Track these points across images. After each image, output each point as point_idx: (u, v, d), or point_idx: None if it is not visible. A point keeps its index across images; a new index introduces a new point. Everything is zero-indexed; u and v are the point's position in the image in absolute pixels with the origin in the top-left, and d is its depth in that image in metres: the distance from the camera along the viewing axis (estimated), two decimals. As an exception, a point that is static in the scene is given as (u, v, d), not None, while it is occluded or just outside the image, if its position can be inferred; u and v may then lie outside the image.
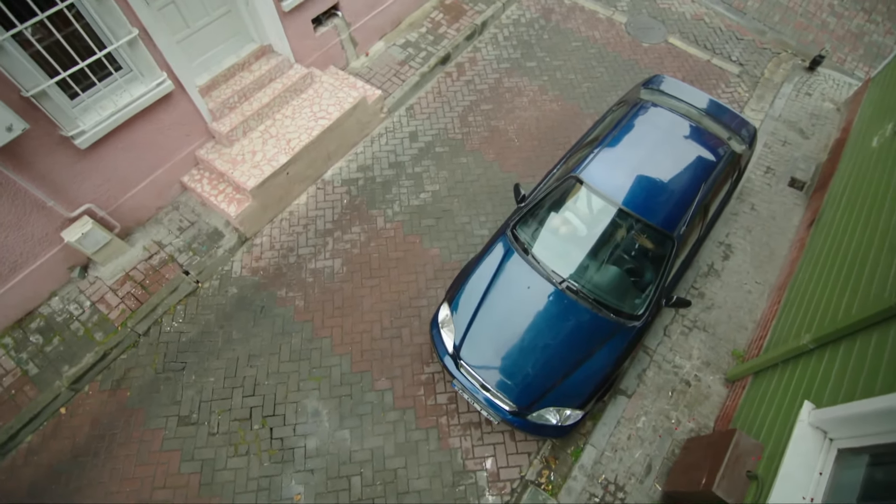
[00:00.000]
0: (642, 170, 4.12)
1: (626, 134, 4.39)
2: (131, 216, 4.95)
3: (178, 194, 5.27)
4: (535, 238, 4.21)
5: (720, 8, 7.69)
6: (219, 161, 5.06)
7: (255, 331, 4.69)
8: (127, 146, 4.50)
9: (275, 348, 4.60)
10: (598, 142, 4.37)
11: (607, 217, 4.03)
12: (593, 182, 4.09)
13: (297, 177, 5.33)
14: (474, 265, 4.21)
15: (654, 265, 3.96)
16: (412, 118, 6.21)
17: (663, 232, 3.88)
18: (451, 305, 4.08)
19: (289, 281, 4.98)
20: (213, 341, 4.63)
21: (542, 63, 6.79)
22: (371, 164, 5.79)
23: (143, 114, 4.44)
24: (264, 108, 5.25)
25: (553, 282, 3.95)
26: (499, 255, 4.17)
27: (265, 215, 5.25)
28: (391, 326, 4.73)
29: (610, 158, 4.24)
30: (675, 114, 4.55)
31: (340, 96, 5.55)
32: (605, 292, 3.92)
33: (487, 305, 3.97)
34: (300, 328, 4.71)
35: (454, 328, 3.98)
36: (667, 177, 4.10)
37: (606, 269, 4.02)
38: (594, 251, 4.04)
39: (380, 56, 6.56)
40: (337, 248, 5.19)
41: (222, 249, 5.01)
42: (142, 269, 4.84)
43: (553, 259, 4.06)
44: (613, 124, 4.52)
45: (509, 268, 4.09)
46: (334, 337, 4.66)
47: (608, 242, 4.07)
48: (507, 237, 4.23)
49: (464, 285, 4.11)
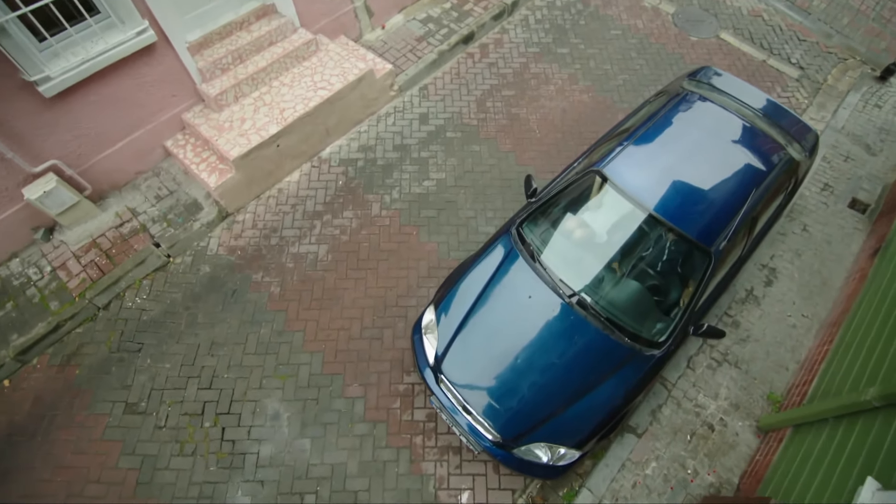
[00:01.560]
0: (680, 170, 3.46)
1: (663, 128, 3.72)
2: (106, 179, 4.54)
3: (161, 160, 4.84)
4: (544, 240, 3.60)
5: (781, 5, 6.86)
6: (205, 126, 4.60)
7: (223, 316, 4.22)
8: (101, 100, 4.08)
9: (241, 338, 4.11)
10: (629, 134, 3.72)
11: (633, 223, 3.37)
12: (620, 180, 3.44)
13: (289, 151, 4.84)
14: (470, 265, 3.62)
15: (684, 284, 3.29)
16: (425, 99, 5.65)
17: (700, 246, 3.21)
18: (437, 309, 3.51)
19: (267, 264, 4.49)
20: (175, 323, 4.18)
21: (575, 50, 6.13)
22: (374, 145, 5.26)
23: (120, 65, 4.01)
24: (260, 73, 4.78)
25: (560, 293, 3.33)
26: (499, 255, 3.57)
27: (250, 190, 4.77)
28: (372, 326, 4.18)
29: (642, 154, 3.58)
30: (725, 110, 3.85)
31: (346, 67, 5.03)
32: (622, 312, 3.28)
33: (479, 313, 3.38)
34: (272, 318, 4.21)
35: (437, 336, 3.41)
36: (709, 181, 3.42)
37: (626, 285, 3.37)
38: (613, 262, 3.40)
39: (397, 30, 6.02)
40: (324, 233, 4.68)
41: (199, 223, 4.56)
42: (110, 236, 4.43)
43: (563, 266, 3.44)
44: (649, 116, 3.85)
45: (510, 271, 3.49)
46: (308, 332, 4.14)
47: (631, 253, 3.43)
48: (510, 236, 3.63)
49: (455, 287, 3.53)
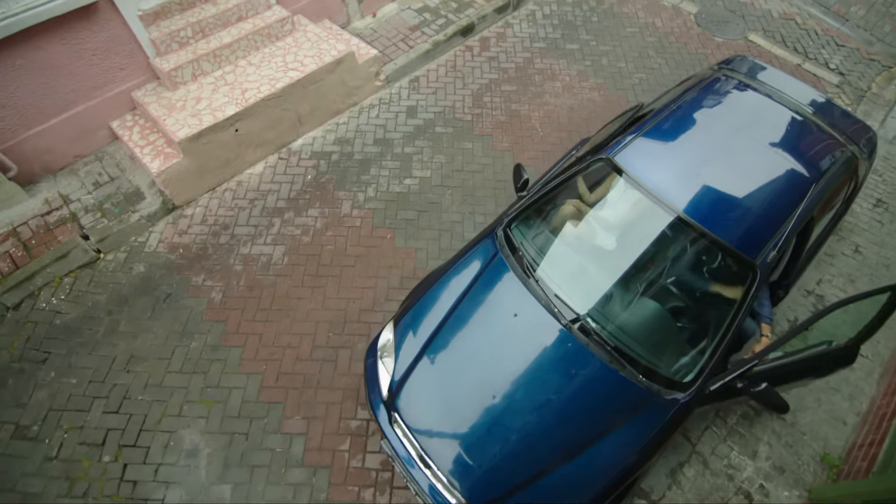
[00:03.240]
0: (714, 164, 2.73)
1: (692, 113, 3.02)
2: (37, 160, 3.94)
3: (106, 143, 4.25)
4: (538, 245, 2.86)
5: (815, 11, 6.21)
6: (154, 105, 4.01)
7: (150, 324, 3.51)
8: (29, 65, 3.51)
9: (166, 352, 3.39)
10: (650, 116, 3.01)
11: (654, 227, 2.63)
12: (638, 173, 2.71)
13: (251, 138, 4.21)
14: (443, 272, 2.89)
15: (719, 308, 2.50)
16: (415, 91, 5.04)
17: (742, 257, 2.44)
18: (397, 326, 2.76)
19: (211, 266, 3.80)
20: (93, 330, 3.48)
21: (585, 46, 5.51)
22: (352, 138, 4.63)
23: (52, 25, 3.45)
24: (224, 50, 4.21)
25: (555, 313, 2.56)
26: (480, 261, 2.83)
27: (203, 180, 4.14)
28: (326, 345, 3.43)
29: (666, 142, 2.87)
30: (770, 98, 3.14)
31: (323, 48, 4.45)
32: (636, 340, 2.50)
33: (449, 333, 2.62)
34: (207, 329, 3.49)
35: (395, 361, 2.65)
36: (752, 177, 2.68)
37: (642, 306, 2.60)
38: (626, 276, 2.64)
39: (389, 19, 5.48)
40: (283, 232, 4.00)
41: (139, 215, 3.91)
42: (33, 225, 3.80)
43: (561, 280, 2.69)
44: (673, 98, 3.15)
45: (492, 282, 2.75)
46: (247, 348, 3.41)
47: (649, 265, 2.67)
48: (495, 238, 2.89)
49: (421, 299, 2.79)
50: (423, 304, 2.76)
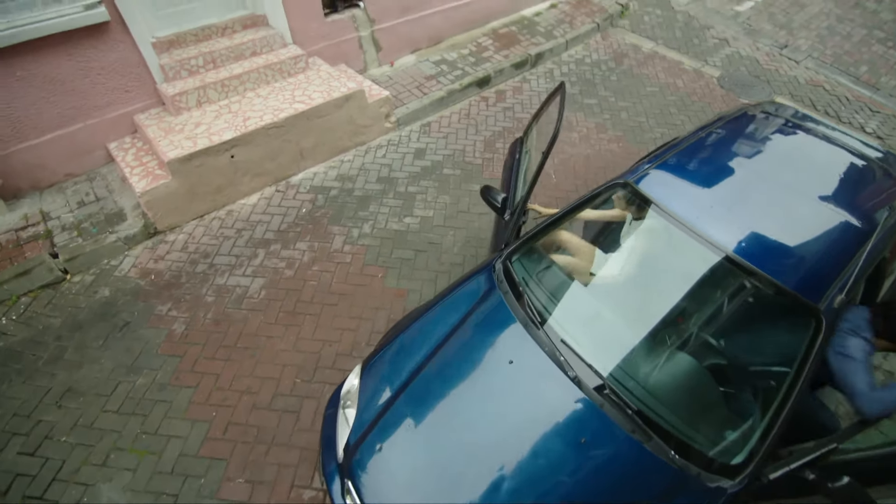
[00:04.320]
0: (762, 197, 2.31)
1: (733, 142, 2.68)
2: (26, 174, 3.80)
3: (101, 164, 4.11)
4: (543, 282, 2.40)
5: (844, 80, 6.03)
6: (153, 128, 3.90)
7: (99, 355, 3.09)
8: (30, 77, 3.46)
9: (108, 387, 2.93)
10: (681, 142, 2.66)
11: (694, 268, 2.15)
12: (669, 203, 2.29)
13: (248, 167, 4.02)
14: (426, 309, 2.43)
15: (774, 367, 1.95)
16: (425, 135, 4.88)
17: (802, 302, 1.92)
18: (364, 370, 2.28)
19: (180, 295, 3.43)
20: (35, 356, 3.07)
21: (604, 102, 5.37)
22: (355, 175, 4.40)
23: (59, 40, 3.44)
24: (233, 80, 4.16)
25: (561, 363, 2.05)
26: (471, 298, 2.38)
27: (191, 206, 3.90)
28: (290, 393, 2.92)
29: (701, 170, 2.49)
30: (820, 136, 2.80)
31: (333, 85, 4.38)
32: (666, 404, 1.93)
33: (427, 380, 2.12)
34: (159, 365, 3.04)
35: (356, 412, 2.13)
36: (810, 213, 2.24)
37: (673, 361, 2.07)
38: (656, 326, 2.14)
39: (406, 69, 5.50)
40: (266, 264, 3.65)
41: (116, 237, 3.64)
42: (3, 239, 3.56)
43: (569, 322, 2.20)
44: (708, 125, 2.82)
45: (484, 322, 2.27)
46: (200, 390, 2.92)
47: (685, 313, 2.17)
48: (492, 271, 2.46)
49: (397, 338, 2.32)
50: (398, 343, 2.29)
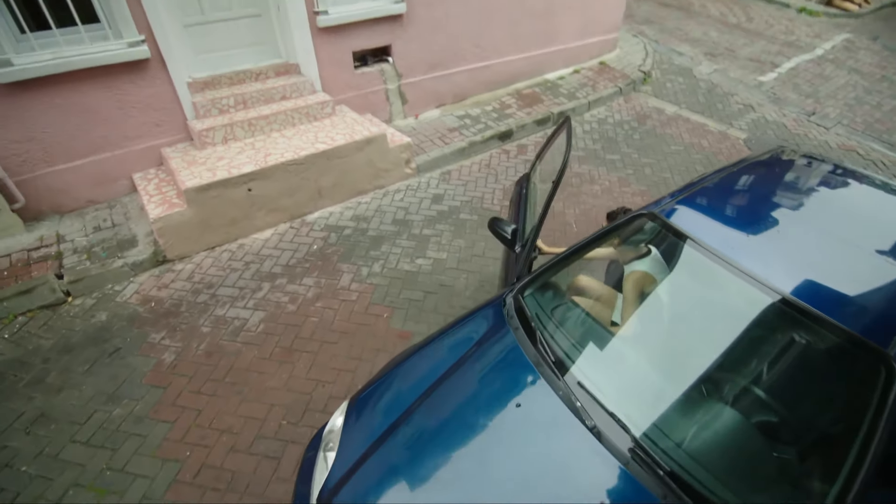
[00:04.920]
0: (806, 236, 2.07)
1: (765, 183, 2.51)
2: (50, 198, 3.88)
3: (124, 194, 4.19)
4: (560, 319, 2.16)
5: (878, 146, 5.86)
6: (177, 160, 3.99)
7: (82, 380, 2.91)
8: (68, 106, 3.63)
9: (83, 415, 2.72)
10: (702, 180, 2.49)
11: (741, 312, 1.86)
12: (705, 239, 2.05)
13: (264, 202, 4.02)
14: (425, 342, 2.20)
15: (838, 426, 1.61)
16: (445, 182, 4.86)
17: (870, 347, 1.61)
18: (350, 408, 2.02)
19: (177, 324, 3.29)
20: (17, 377, 2.92)
21: (627, 158, 5.31)
22: (371, 216, 4.35)
23: (100, 73, 3.63)
24: (260, 120, 4.29)
25: (577, 409, 1.75)
26: (475, 333, 2.14)
27: (204, 237, 3.86)
28: (274, 436, 2.64)
29: (736, 206, 2.31)
30: (860, 181, 2.59)
31: (356, 129, 4.47)
32: (705, 466, 1.58)
33: (421, 420, 1.85)
34: (141, 395, 2.83)
35: (337, 453, 1.85)
36: (872, 252, 1.98)
37: (716, 416, 1.74)
38: (691, 374, 1.84)
39: (430, 122, 5.63)
40: (269, 297, 3.50)
41: (124, 262, 3.60)
42: (15, 258, 3.55)
43: (589, 365, 1.92)
44: (735, 170, 2.64)
45: (489, 360, 2.02)
46: (178, 426, 2.68)
47: (729, 363, 1.87)
48: (502, 306, 2.23)
49: (390, 372, 2.08)
50: (391, 378, 2.04)
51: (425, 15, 5.12)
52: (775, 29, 8.52)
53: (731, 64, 7.29)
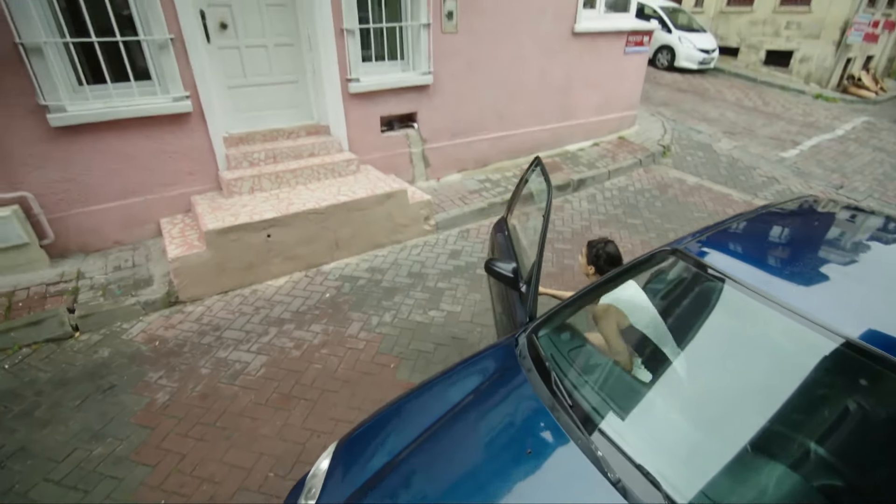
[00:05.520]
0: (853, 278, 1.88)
1: (799, 225, 2.37)
2: (78, 237, 4.01)
3: (150, 237, 4.31)
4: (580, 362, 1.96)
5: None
6: (203, 206, 4.13)
7: (70, 415, 2.77)
8: (109, 151, 3.87)
9: (62, 453, 2.54)
10: (725, 222, 2.35)
11: (799, 358, 1.61)
12: (748, 278, 1.85)
13: (282, 249, 4.05)
14: (424, 383, 2.02)
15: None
16: (463, 239, 4.85)
17: None
18: (338, 449, 1.81)
19: (177, 364, 3.17)
20: (6, 408, 2.80)
21: (649, 223, 5.23)
22: (386, 269, 4.31)
23: (144, 123, 3.91)
24: (287, 174, 4.47)
25: (603, 463, 1.50)
26: (482, 374, 1.96)
27: (219, 280, 3.86)
28: (258, 489, 2.39)
29: (768, 246, 2.16)
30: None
31: (378, 185, 4.59)
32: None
33: (413, 467, 1.62)
34: (126, 435, 2.65)
35: (316, 501, 1.63)
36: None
37: (768, 477, 1.46)
38: (742, 430, 1.59)
39: (451, 184, 5.78)
40: (274, 342, 3.38)
41: (136, 301, 3.59)
42: (33, 291, 3.59)
43: (615, 416, 1.69)
44: (761, 214, 2.52)
45: (498, 401, 1.82)
46: (158, 470, 2.46)
47: (784, 416, 1.61)
48: (513, 347, 2.05)
49: (384, 411, 1.89)
50: (384, 419, 1.84)
51: (450, 87, 5.46)
52: (793, 112, 8.74)
53: (750, 141, 7.39)
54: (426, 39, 5.05)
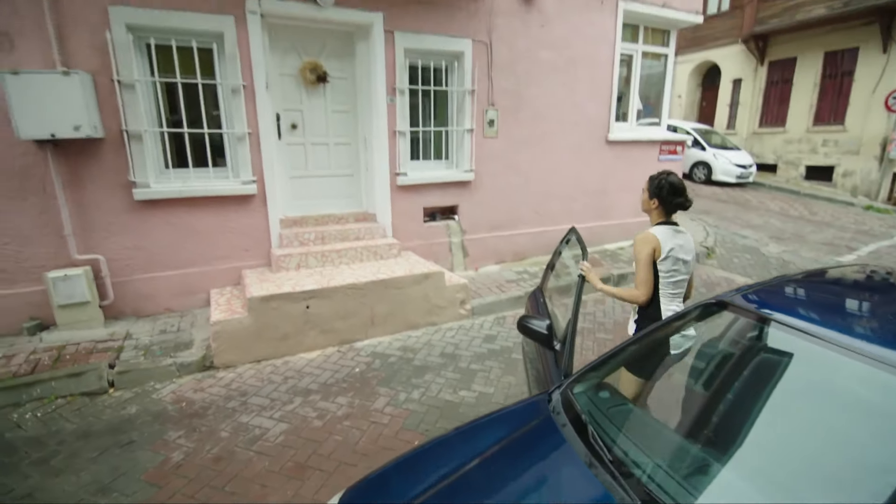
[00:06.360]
0: None
1: (867, 290, 2.17)
2: (134, 301, 4.27)
3: (198, 306, 4.52)
4: (621, 421, 1.77)
5: None
6: (251, 277, 4.36)
7: (85, 467, 2.69)
8: (179, 224, 4.30)
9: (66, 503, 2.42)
10: (772, 280, 2.20)
11: (882, 401, 1.43)
12: (808, 322, 1.66)
13: (319, 321, 4.11)
14: (440, 436, 1.86)
15: None
16: (499, 325, 4.75)
17: None
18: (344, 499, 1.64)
19: (198, 425, 3.10)
20: (26, 454, 2.77)
21: (697, 319, 4.94)
22: (419, 348, 4.23)
23: (212, 201, 4.37)
24: (333, 253, 4.73)
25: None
26: (507, 426, 1.80)
27: (254, 348, 3.90)
28: (258, 558, 2.13)
29: (830, 300, 1.99)
30: None
31: (417, 267, 4.73)
32: None
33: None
34: (133, 491, 2.52)
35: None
36: None
37: None
38: (826, 488, 1.34)
39: (489, 274, 5.85)
40: (297, 411, 3.27)
41: (173, 362, 3.66)
42: (83, 347, 3.76)
43: (661, 473, 1.47)
44: (813, 275, 2.35)
45: (526, 455, 1.64)
46: (157, 529, 2.27)
47: (876, 475, 1.37)
48: (547, 402, 1.89)
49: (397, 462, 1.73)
50: (398, 467, 1.67)
51: (490, 184, 5.83)
52: (843, 221, 8.51)
53: (801, 246, 7.15)
54: (469, 142, 5.56)
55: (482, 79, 5.46)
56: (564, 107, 6.08)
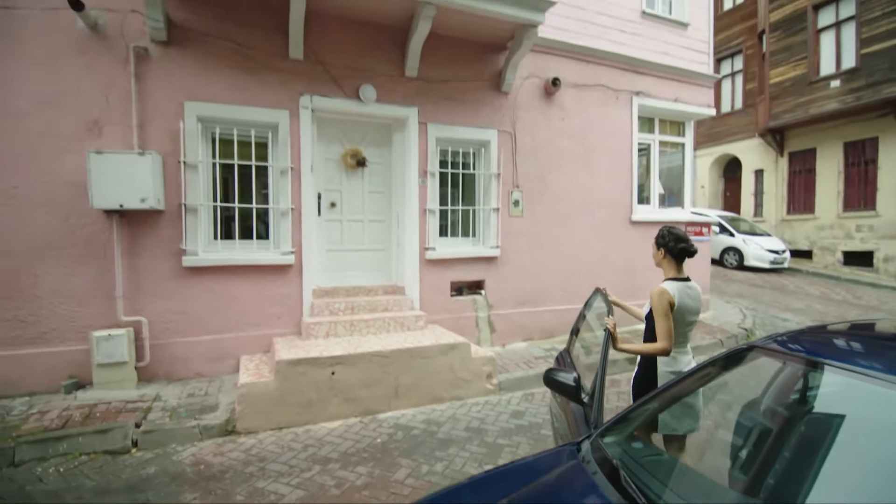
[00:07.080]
0: None
1: None
2: (168, 364, 4.39)
3: (228, 372, 4.58)
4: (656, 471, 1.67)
5: None
6: (281, 344, 4.45)
7: (96, 526, 2.62)
8: (219, 291, 4.53)
9: (74, 561, 2.34)
10: None
11: None
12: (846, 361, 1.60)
13: (344, 389, 4.08)
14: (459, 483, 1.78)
15: None
16: (527, 401, 4.57)
17: None
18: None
19: (213, 488, 3.01)
20: (42, 513, 2.73)
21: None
22: (443, 421, 4.08)
23: (252, 270, 4.64)
24: (361, 323, 4.82)
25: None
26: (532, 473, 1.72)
27: (277, 413, 3.87)
28: None
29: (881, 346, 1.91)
30: None
31: (443, 339, 4.73)
32: None
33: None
34: (143, 551, 2.41)
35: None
36: None
37: None
38: None
39: (516, 350, 5.74)
40: (315, 479, 3.14)
41: (197, 424, 3.66)
42: (114, 407, 3.82)
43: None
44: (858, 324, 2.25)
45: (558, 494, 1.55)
46: (161, 592, 2.14)
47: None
48: (576, 452, 1.81)
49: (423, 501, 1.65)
50: (425, 506, 1.60)
51: (515, 260, 5.96)
52: (892, 305, 8.06)
53: (849, 331, 6.75)
54: (495, 220, 5.82)
55: (507, 163, 5.87)
56: (587, 190, 6.36)
